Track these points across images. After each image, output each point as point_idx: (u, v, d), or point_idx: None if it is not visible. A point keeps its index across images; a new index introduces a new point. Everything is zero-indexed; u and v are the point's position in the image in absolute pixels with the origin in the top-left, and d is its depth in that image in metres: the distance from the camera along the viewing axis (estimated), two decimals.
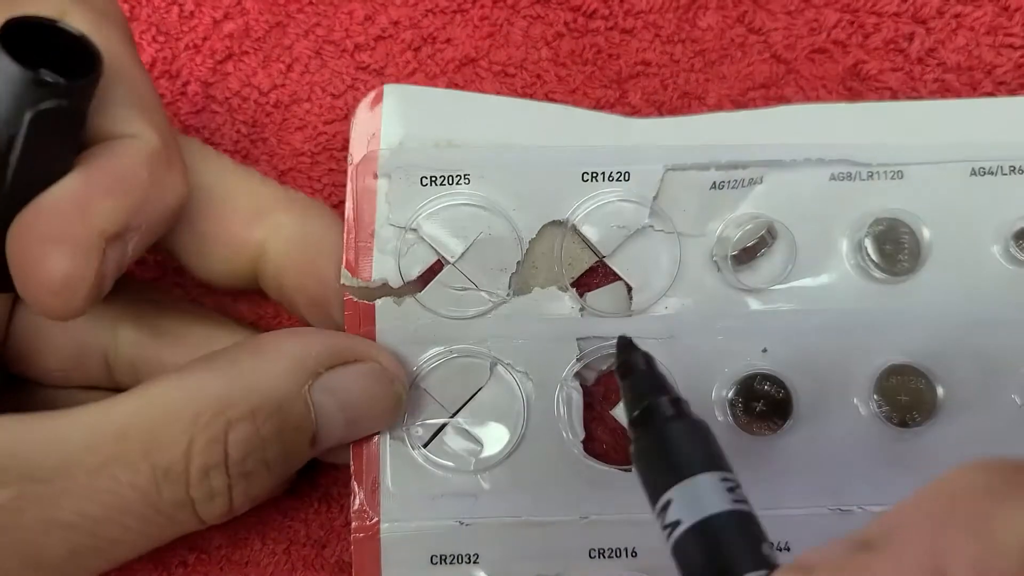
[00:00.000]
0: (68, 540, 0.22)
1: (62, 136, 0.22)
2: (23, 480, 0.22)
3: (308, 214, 0.28)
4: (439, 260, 0.28)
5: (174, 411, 0.23)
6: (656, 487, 0.20)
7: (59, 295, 0.22)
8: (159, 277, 0.32)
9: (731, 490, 0.20)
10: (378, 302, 0.28)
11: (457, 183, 0.28)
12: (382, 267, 0.28)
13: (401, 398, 0.27)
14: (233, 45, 0.32)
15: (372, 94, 0.29)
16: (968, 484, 0.15)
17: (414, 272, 0.28)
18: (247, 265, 0.27)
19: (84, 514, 0.22)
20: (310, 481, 0.31)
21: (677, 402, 0.22)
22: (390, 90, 0.28)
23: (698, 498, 0.20)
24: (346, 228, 0.28)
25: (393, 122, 0.28)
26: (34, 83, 0.20)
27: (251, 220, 0.27)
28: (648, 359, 0.23)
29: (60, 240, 0.22)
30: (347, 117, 0.31)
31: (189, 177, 0.25)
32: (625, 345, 0.24)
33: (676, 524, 0.19)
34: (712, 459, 0.20)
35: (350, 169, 0.28)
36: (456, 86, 0.32)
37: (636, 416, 0.22)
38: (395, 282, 0.28)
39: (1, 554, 0.22)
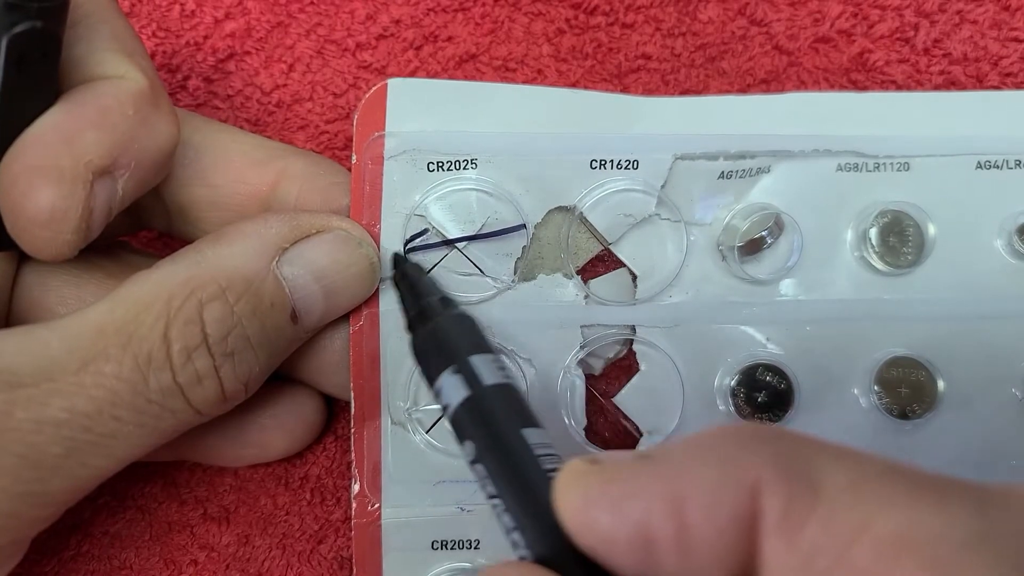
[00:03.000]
0: (63, 437, 0.22)
1: (41, 64, 0.22)
2: (7, 388, 0.22)
3: (316, 159, 0.28)
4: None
5: (146, 301, 0.23)
6: (430, 377, 0.22)
7: (46, 227, 0.22)
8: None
9: (492, 368, 0.21)
10: (382, 285, 0.28)
11: (464, 168, 0.28)
12: (388, 252, 0.28)
13: (372, 260, 0.27)
14: (235, 44, 0.32)
15: (374, 89, 0.28)
16: (721, 434, 0.18)
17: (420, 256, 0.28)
18: (260, 209, 0.27)
19: (74, 411, 0.22)
20: (302, 472, 0.31)
21: (444, 300, 0.23)
22: (394, 84, 0.28)
23: (459, 381, 0.21)
24: (351, 216, 0.28)
25: (398, 116, 0.28)
26: (6, 6, 0.20)
27: (261, 165, 0.27)
28: (419, 268, 0.25)
29: (45, 170, 0.22)
30: (349, 116, 0.31)
31: (196, 138, 0.26)
32: (399, 258, 0.26)
33: (447, 407, 0.21)
34: (475, 344, 0.22)
35: (354, 167, 0.28)
36: None
37: (413, 316, 0.23)
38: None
39: None
